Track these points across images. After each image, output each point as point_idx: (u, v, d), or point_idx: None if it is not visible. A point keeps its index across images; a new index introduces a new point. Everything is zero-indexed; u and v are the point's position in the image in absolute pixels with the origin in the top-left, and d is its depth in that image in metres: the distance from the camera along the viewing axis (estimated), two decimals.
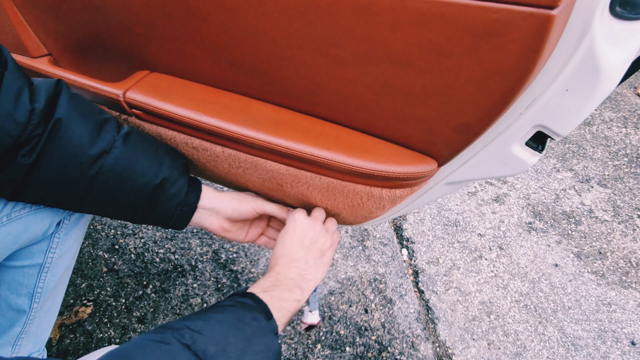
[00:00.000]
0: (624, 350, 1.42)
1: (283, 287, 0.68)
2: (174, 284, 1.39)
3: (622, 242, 1.76)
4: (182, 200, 0.74)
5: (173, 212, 0.74)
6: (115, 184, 0.68)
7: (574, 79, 0.54)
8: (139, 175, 0.69)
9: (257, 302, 0.63)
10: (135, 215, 0.74)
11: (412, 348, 1.35)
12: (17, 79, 0.60)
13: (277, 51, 0.61)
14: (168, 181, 0.72)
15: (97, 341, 1.23)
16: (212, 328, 0.55)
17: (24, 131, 0.60)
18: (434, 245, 1.67)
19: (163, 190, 0.72)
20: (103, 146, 0.66)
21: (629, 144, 2.23)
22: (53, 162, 0.64)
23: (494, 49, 0.48)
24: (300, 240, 0.75)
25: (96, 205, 0.71)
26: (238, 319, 0.58)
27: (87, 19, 0.74)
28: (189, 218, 0.77)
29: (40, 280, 0.84)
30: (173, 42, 0.69)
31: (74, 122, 0.64)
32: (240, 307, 0.60)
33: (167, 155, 0.74)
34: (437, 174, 0.72)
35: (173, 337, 0.51)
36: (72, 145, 0.64)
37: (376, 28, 0.52)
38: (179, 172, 0.74)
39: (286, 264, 0.72)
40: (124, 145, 0.68)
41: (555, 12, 0.43)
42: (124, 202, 0.71)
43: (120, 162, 0.68)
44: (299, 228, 0.77)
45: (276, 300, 0.65)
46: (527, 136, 0.64)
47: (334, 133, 0.68)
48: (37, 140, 0.62)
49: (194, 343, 0.51)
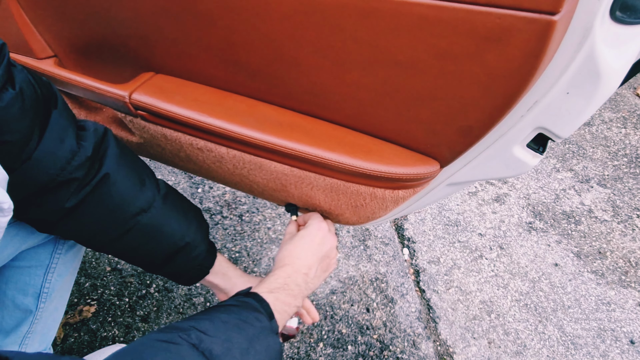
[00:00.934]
0: (623, 349, 1.43)
1: (289, 292, 0.69)
2: (177, 284, 1.40)
3: (621, 242, 1.77)
4: (197, 264, 0.77)
5: (186, 272, 0.77)
6: (143, 240, 0.70)
7: (575, 82, 0.55)
8: (168, 235, 0.71)
9: (260, 301, 0.64)
10: (149, 266, 0.76)
11: (413, 347, 1.36)
12: (64, 119, 0.61)
13: (282, 54, 0.62)
14: (190, 245, 0.74)
15: (101, 340, 1.24)
16: (217, 328, 0.56)
17: (63, 170, 0.60)
18: (435, 245, 1.68)
19: (185, 252, 0.74)
20: (143, 204, 0.68)
21: (628, 144, 2.24)
22: (94, 212, 0.65)
23: (496, 53, 0.49)
24: (319, 249, 0.77)
25: (115, 251, 0.73)
26: (242, 320, 0.59)
27: (93, 21, 0.74)
28: (199, 279, 0.80)
29: (47, 280, 0.85)
30: (179, 44, 0.70)
31: (120, 178, 0.66)
32: (244, 307, 0.62)
33: (194, 219, 0.76)
34: (439, 175, 0.73)
35: (180, 337, 0.52)
36: (116, 200, 0.66)
37: (380, 32, 0.53)
38: (202, 237, 0.76)
39: (298, 269, 0.73)
40: (163, 207, 0.70)
41: (557, 17, 0.44)
42: (144, 255, 0.73)
43: (155, 221, 0.70)
44: (320, 237, 0.78)
45: (280, 303, 0.66)
46: (528, 138, 0.64)
47: (338, 134, 0.69)
48: (79, 186, 0.63)
49: (200, 343, 0.52)
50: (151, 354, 0.49)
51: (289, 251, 0.75)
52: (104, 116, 0.94)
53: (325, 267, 0.78)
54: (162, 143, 0.83)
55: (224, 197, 1.70)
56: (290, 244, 0.77)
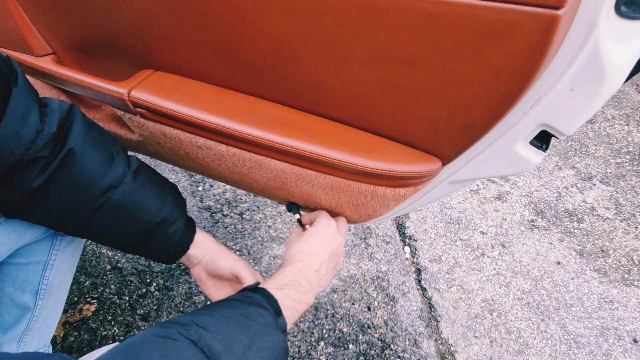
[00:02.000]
0: (626, 348, 1.42)
1: (299, 289, 0.67)
2: (178, 282, 1.40)
3: (624, 240, 1.76)
4: (177, 240, 0.75)
5: (165, 251, 0.75)
6: (116, 218, 0.69)
7: (579, 79, 0.54)
8: (142, 212, 0.70)
9: (267, 297, 0.62)
10: (128, 246, 0.74)
11: (414, 345, 1.35)
12: (26, 96, 0.60)
13: (283, 51, 0.61)
14: (167, 221, 0.72)
15: (101, 339, 1.24)
16: (218, 324, 0.55)
17: (28, 150, 0.59)
18: (437, 243, 1.67)
19: (160, 229, 0.72)
20: (112, 180, 0.66)
21: (631, 141, 2.23)
22: (61, 190, 0.63)
23: (499, 49, 0.48)
24: (329, 246, 0.76)
25: (91, 233, 0.71)
26: (244, 315, 0.58)
27: (92, 18, 0.74)
28: (180, 257, 0.78)
29: (45, 277, 0.84)
30: (178, 41, 0.69)
31: (86, 153, 0.64)
32: (248, 303, 0.60)
33: (170, 195, 0.74)
34: (441, 173, 0.72)
35: (179, 332, 0.52)
36: (83, 176, 0.64)
37: (382, 28, 0.52)
38: (179, 213, 0.75)
39: (310, 265, 0.71)
40: (134, 182, 0.68)
41: (561, 12, 0.43)
42: (121, 235, 0.71)
43: (127, 198, 0.68)
44: (330, 233, 0.77)
45: (289, 299, 0.64)
46: (531, 135, 0.64)
47: (339, 132, 0.68)
48: (45, 164, 0.61)
49: (200, 339, 0.51)
50: (148, 350, 0.49)
51: (300, 247, 0.74)
52: (103, 114, 0.93)
53: (334, 264, 0.77)
54: (162, 141, 0.82)
55: (225, 195, 1.69)
56: (300, 240, 0.75)
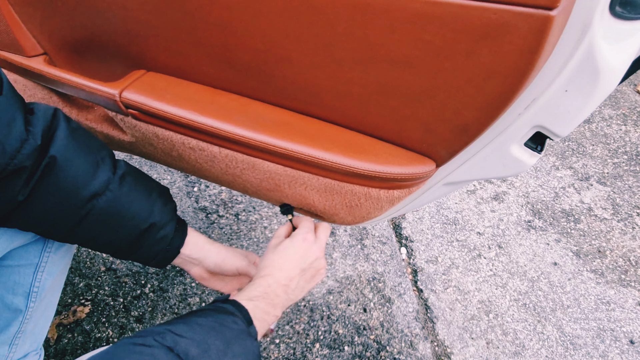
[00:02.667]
0: (622, 349, 1.42)
1: (269, 302, 0.68)
2: (172, 283, 1.39)
3: (621, 241, 1.75)
4: (166, 245, 0.74)
5: (155, 256, 0.74)
6: (103, 225, 0.67)
7: (574, 80, 0.54)
8: (129, 218, 0.68)
9: (238, 307, 0.64)
10: (117, 252, 0.73)
11: (410, 347, 1.34)
12: (11, 105, 0.58)
13: (275, 51, 0.60)
14: (156, 226, 0.71)
15: (95, 341, 1.23)
16: (193, 331, 0.56)
17: (12, 159, 0.57)
18: (433, 244, 1.67)
19: (149, 235, 0.71)
20: (97, 188, 0.65)
21: (628, 141, 2.23)
22: (44, 200, 0.62)
23: (492, 50, 0.47)
24: (302, 261, 0.75)
25: (80, 240, 0.70)
26: (218, 323, 0.58)
27: (83, 17, 0.73)
28: (170, 261, 0.77)
29: (36, 279, 0.83)
30: (170, 41, 0.69)
31: (70, 161, 0.62)
32: (221, 311, 0.61)
33: (159, 199, 0.73)
34: (435, 175, 0.71)
35: (154, 339, 0.52)
36: (67, 184, 0.62)
37: (374, 28, 0.51)
38: (168, 217, 0.73)
39: (279, 280, 0.71)
40: (119, 189, 0.67)
41: (555, 13, 0.42)
42: (109, 241, 0.70)
43: (113, 205, 0.66)
44: (303, 249, 0.76)
45: (260, 311, 0.66)
46: (526, 137, 0.63)
47: (332, 133, 0.68)
48: (29, 175, 0.59)
49: (176, 345, 0.52)
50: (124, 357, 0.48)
51: (271, 260, 0.74)
52: (95, 115, 0.92)
53: (309, 278, 0.77)
54: (154, 142, 0.81)
55: (220, 195, 1.68)
56: (274, 253, 0.75)
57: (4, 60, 0.85)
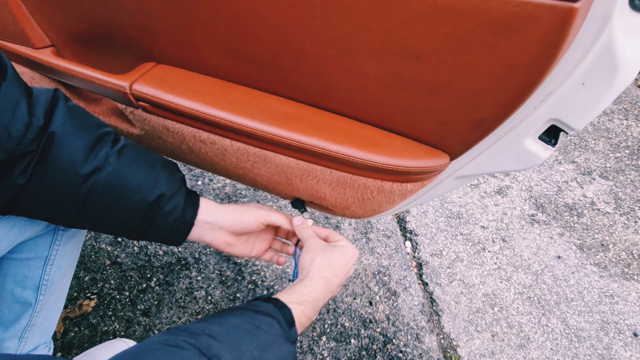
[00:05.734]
0: (626, 342, 1.43)
1: (315, 308, 0.67)
2: (178, 277, 1.39)
3: (624, 234, 1.76)
4: (178, 216, 0.70)
5: (169, 230, 0.71)
6: (108, 202, 0.65)
7: (591, 73, 0.54)
8: (133, 192, 0.66)
9: (281, 308, 0.61)
10: (130, 232, 0.70)
11: (416, 340, 1.35)
12: (15, 90, 0.58)
13: (289, 44, 0.60)
14: (164, 197, 0.68)
15: (102, 334, 1.23)
16: (226, 333, 0.54)
17: (19, 144, 0.57)
18: (438, 238, 1.67)
19: (158, 207, 0.68)
20: (96, 163, 0.63)
21: (630, 135, 2.23)
22: (44, 180, 0.61)
23: (513, 43, 0.47)
24: (349, 272, 0.77)
25: (89, 222, 0.68)
26: (255, 326, 0.57)
27: (91, 9, 0.72)
28: (186, 234, 0.73)
29: (46, 272, 0.83)
30: (181, 33, 0.68)
31: (68, 138, 0.61)
32: (259, 312, 0.59)
33: (163, 170, 0.70)
34: (448, 168, 0.71)
35: (185, 341, 0.51)
36: (64, 162, 0.61)
37: (391, 21, 0.51)
38: (176, 187, 0.70)
39: (332, 287, 0.71)
40: (118, 161, 0.65)
41: (578, 4, 0.42)
42: (118, 220, 0.68)
43: (114, 179, 0.64)
44: (354, 260, 0.78)
45: (305, 317, 0.64)
46: (540, 130, 0.63)
47: (346, 127, 0.67)
48: (32, 157, 0.59)
49: (209, 348, 0.50)
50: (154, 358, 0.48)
51: (329, 262, 0.73)
52: (103, 107, 0.92)
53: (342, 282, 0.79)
54: (164, 135, 0.81)
55: (225, 189, 1.68)
56: (330, 255, 0.74)
57: (11, 52, 0.84)
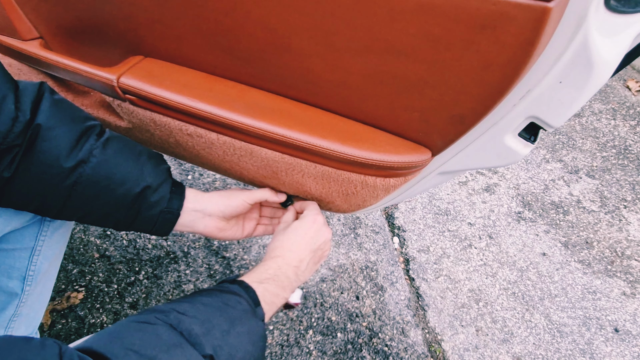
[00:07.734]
0: (607, 337, 1.45)
1: (279, 284, 0.68)
2: (167, 270, 1.40)
3: (608, 232, 1.79)
4: (164, 207, 0.71)
5: (156, 220, 0.72)
6: (94, 194, 0.66)
7: (568, 71, 0.55)
8: (119, 184, 0.66)
9: (246, 288, 0.63)
10: (117, 223, 0.71)
11: (402, 334, 1.37)
12: (2, 85, 0.58)
13: (275, 39, 0.61)
14: (150, 189, 0.69)
15: (89, 327, 1.23)
16: (196, 309, 0.56)
17: (5, 139, 0.57)
18: (425, 234, 1.69)
19: (144, 199, 0.69)
20: (81, 156, 0.63)
21: (617, 135, 2.26)
22: (29, 173, 0.61)
23: (490, 40, 0.48)
24: (312, 242, 0.75)
25: (76, 214, 0.69)
26: (223, 302, 0.58)
27: (80, 1, 0.72)
28: (173, 225, 0.74)
29: (32, 263, 0.83)
30: (168, 27, 0.68)
31: (53, 131, 0.61)
32: (227, 291, 0.61)
33: (149, 162, 0.71)
34: (430, 164, 0.73)
35: (156, 317, 0.52)
36: (48, 155, 0.61)
37: (374, 17, 0.52)
38: (162, 178, 0.71)
39: (289, 261, 0.71)
40: (103, 154, 0.65)
41: (552, 4, 0.43)
42: (104, 212, 0.68)
43: (99, 171, 0.65)
44: (314, 230, 0.76)
45: (269, 294, 0.65)
46: (520, 127, 0.64)
47: (330, 122, 0.68)
48: (18, 151, 0.59)
49: (179, 323, 0.52)
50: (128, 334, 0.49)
51: (281, 242, 0.74)
52: (91, 100, 0.92)
53: (317, 259, 0.78)
54: (151, 128, 0.82)
55: (215, 184, 1.69)
56: (283, 234, 0.75)
57: None
